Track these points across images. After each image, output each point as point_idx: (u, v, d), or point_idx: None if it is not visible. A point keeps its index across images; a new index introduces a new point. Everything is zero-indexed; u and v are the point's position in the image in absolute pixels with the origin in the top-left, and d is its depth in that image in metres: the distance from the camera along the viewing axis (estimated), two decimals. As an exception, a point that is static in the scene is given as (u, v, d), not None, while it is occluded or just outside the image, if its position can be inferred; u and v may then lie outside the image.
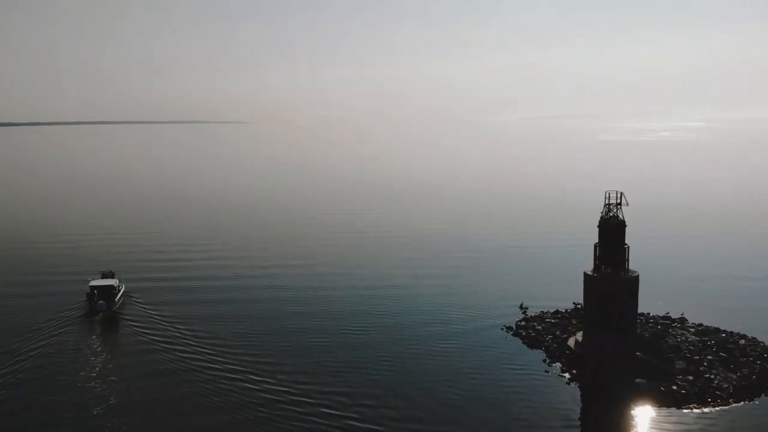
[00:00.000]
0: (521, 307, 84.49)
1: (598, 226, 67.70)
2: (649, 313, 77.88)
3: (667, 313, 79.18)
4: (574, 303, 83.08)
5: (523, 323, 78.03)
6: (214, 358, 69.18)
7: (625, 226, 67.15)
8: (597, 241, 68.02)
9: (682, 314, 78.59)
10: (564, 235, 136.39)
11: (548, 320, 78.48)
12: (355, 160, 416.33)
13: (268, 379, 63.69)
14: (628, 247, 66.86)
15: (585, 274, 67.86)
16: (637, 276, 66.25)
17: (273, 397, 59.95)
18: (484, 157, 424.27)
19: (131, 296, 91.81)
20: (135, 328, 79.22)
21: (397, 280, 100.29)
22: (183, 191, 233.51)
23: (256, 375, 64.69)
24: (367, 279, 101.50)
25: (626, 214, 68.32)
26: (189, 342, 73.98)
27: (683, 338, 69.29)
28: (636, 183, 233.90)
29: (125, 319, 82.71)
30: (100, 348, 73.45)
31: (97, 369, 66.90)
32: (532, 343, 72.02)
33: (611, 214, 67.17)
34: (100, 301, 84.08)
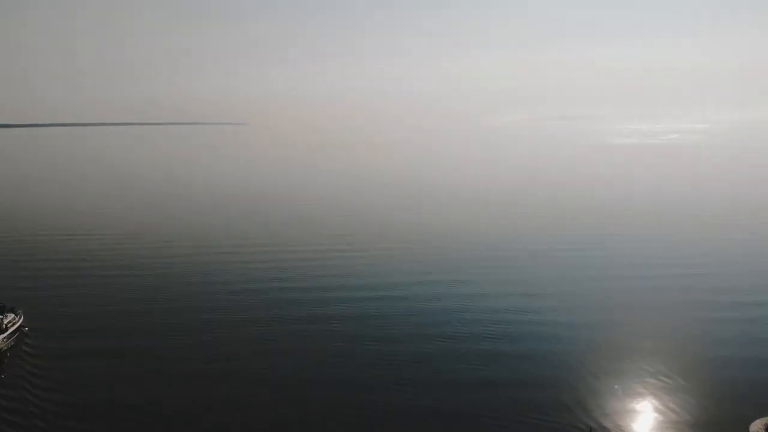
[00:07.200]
0: (591, 430, 52.99)
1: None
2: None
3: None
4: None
5: (602, 473, 46.65)
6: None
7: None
8: None
9: None
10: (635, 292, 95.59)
11: (643, 467, 47.19)
12: (360, 163, 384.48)
13: None
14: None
15: None
16: None
17: None
18: (489, 160, 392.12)
19: (27, 337, 69.97)
20: None
21: (393, 350, 66.21)
22: (154, 200, 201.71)
23: None
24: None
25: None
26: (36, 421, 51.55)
27: None
28: (694, 194, 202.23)
29: None
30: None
31: None
32: None
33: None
34: None
